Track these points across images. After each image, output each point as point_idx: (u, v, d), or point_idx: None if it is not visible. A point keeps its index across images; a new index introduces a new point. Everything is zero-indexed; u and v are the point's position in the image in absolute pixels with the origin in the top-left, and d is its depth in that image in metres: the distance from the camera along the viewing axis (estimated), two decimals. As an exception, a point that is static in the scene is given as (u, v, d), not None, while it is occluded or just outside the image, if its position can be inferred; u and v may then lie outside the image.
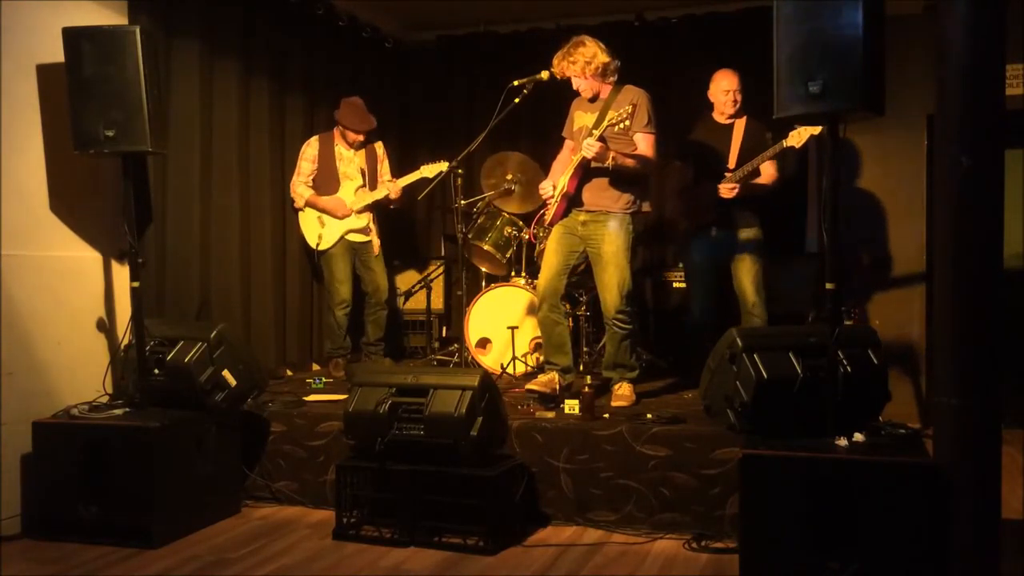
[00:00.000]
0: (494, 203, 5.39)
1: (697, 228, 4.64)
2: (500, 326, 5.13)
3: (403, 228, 6.36)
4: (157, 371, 3.72)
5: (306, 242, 5.17)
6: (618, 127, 3.98)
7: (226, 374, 3.76)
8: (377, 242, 5.27)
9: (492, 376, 3.82)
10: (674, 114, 5.36)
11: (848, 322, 4.23)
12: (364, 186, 5.16)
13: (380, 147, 5.33)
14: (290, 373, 5.31)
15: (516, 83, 4.18)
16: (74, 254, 3.94)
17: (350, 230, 5.13)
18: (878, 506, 2.79)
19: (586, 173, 4.13)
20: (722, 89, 4.57)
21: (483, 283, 5.56)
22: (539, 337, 4.65)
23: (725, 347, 3.38)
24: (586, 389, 3.85)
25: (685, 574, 3.14)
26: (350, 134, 5.09)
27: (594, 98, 4.19)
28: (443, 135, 6.34)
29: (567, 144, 4.39)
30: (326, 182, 5.10)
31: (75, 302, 3.92)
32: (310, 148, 5.12)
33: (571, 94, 4.29)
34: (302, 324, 5.46)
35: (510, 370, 5.03)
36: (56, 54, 3.61)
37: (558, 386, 4.15)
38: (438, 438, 3.37)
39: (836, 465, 2.88)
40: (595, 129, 4.02)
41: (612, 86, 4.16)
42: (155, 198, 4.31)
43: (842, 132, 3.03)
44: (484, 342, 5.22)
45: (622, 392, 4.19)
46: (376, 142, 5.29)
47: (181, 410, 3.67)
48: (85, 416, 3.60)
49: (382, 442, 3.43)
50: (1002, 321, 2.69)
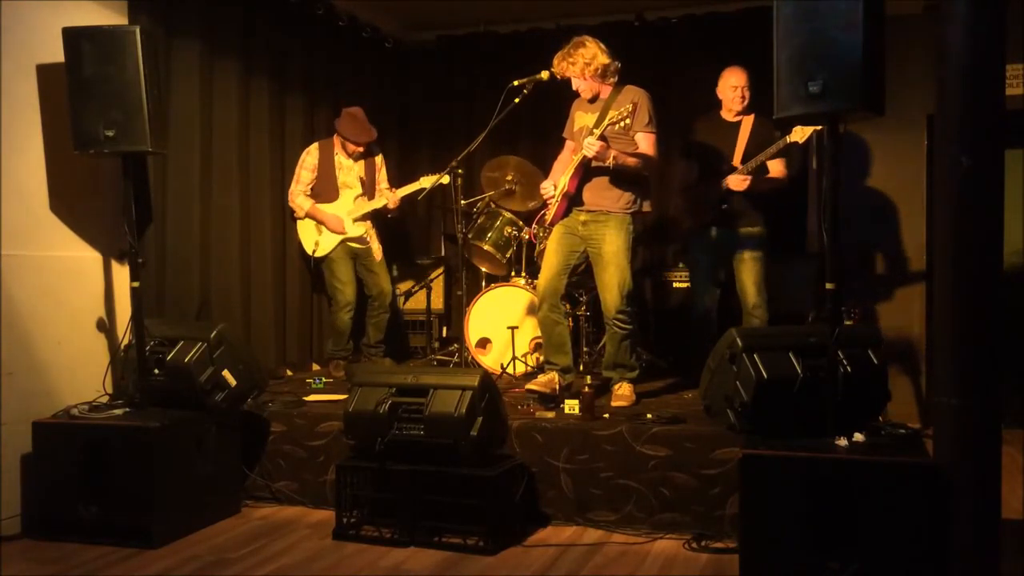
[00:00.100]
0: (494, 202, 5.38)
1: (701, 226, 4.64)
2: (500, 326, 5.13)
3: (403, 227, 6.36)
4: (157, 371, 3.72)
5: (303, 249, 5.16)
6: (619, 126, 3.98)
7: (226, 374, 3.76)
8: (379, 248, 5.26)
9: (492, 376, 3.82)
10: (674, 114, 5.37)
11: (848, 322, 4.23)
12: (363, 195, 5.16)
13: (379, 156, 5.32)
14: (290, 373, 5.31)
15: (516, 83, 4.18)
16: (74, 254, 3.94)
17: (348, 239, 5.13)
18: (878, 506, 2.79)
19: (587, 173, 4.13)
20: (730, 85, 4.58)
21: (483, 283, 5.56)
22: (539, 337, 4.65)
23: (725, 347, 3.38)
24: (586, 389, 3.85)
25: (685, 574, 3.14)
26: (350, 145, 5.09)
27: (594, 99, 4.19)
28: (443, 135, 6.35)
29: (568, 145, 4.39)
30: (325, 191, 5.09)
31: (75, 302, 3.92)
32: (310, 157, 5.10)
33: (571, 94, 4.29)
34: (302, 324, 5.46)
35: (510, 370, 5.03)
36: (56, 54, 3.61)
37: (558, 386, 4.15)
38: (438, 438, 3.37)
39: (836, 465, 2.88)
40: (596, 128, 4.02)
41: (612, 87, 4.16)
42: (155, 198, 4.31)
43: (842, 132, 3.03)
44: (484, 342, 5.22)
45: (622, 392, 4.19)
46: (377, 154, 5.29)
47: (181, 410, 3.67)
48: (85, 416, 3.60)
49: (382, 442, 3.43)
50: (1002, 321, 2.69)
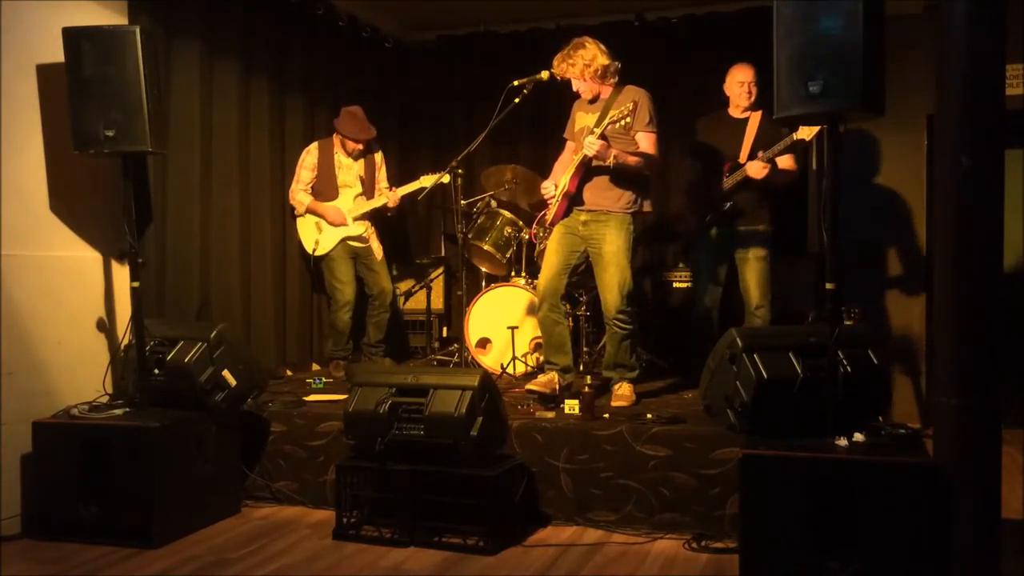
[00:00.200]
0: (496, 200, 5.38)
1: (706, 225, 4.64)
2: (500, 326, 5.13)
3: (404, 227, 6.36)
4: (157, 371, 3.72)
5: (303, 248, 5.16)
6: (619, 124, 3.98)
7: (226, 374, 3.76)
8: (379, 247, 5.26)
9: (492, 376, 3.82)
10: (674, 114, 5.37)
11: (848, 322, 4.22)
12: (362, 194, 5.16)
13: (379, 154, 5.32)
14: (290, 373, 5.31)
15: (516, 83, 4.18)
16: (74, 254, 3.94)
17: (347, 237, 5.12)
18: (878, 506, 2.79)
19: (587, 172, 4.13)
20: (737, 81, 4.58)
21: (483, 283, 5.56)
22: (539, 337, 4.65)
23: (725, 347, 3.38)
24: (586, 389, 3.85)
25: (685, 574, 3.14)
26: (349, 143, 5.09)
27: (595, 99, 4.19)
28: (443, 135, 6.35)
29: (568, 145, 4.39)
30: (325, 190, 5.09)
31: (75, 302, 3.92)
32: (309, 156, 5.11)
33: (571, 94, 4.28)
34: (302, 324, 5.46)
35: (510, 370, 5.03)
36: (56, 54, 3.61)
37: (558, 386, 4.15)
38: (438, 438, 3.37)
39: (836, 465, 2.88)
40: (596, 128, 4.02)
41: (613, 87, 4.16)
42: (155, 198, 4.31)
43: (842, 132, 3.03)
44: (484, 342, 5.22)
45: (622, 392, 4.19)
46: (376, 152, 5.29)
47: (181, 410, 3.67)
48: (85, 416, 3.60)
49: (382, 442, 3.43)
50: (1002, 321, 2.69)
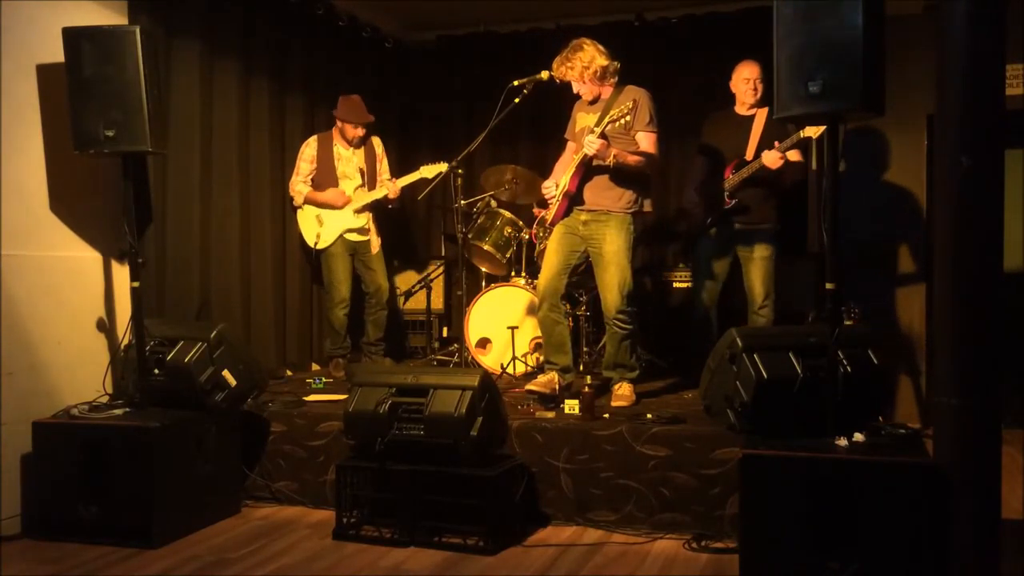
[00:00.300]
0: (496, 200, 5.38)
1: (712, 223, 4.63)
2: (500, 326, 5.13)
3: (403, 228, 6.36)
4: (157, 371, 3.72)
5: (304, 242, 5.17)
6: (619, 123, 3.98)
7: (226, 374, 3.76)
8: (377, 241, 5.27)
9: (492, 376, 3.82)
10: (674, 114, 5.37)
11: (848, 322, 4.23)
12: (363, 186, 5.16)
13: (379, 146, 5.32)
14: (290, 373, 5.31)
15: (516, 83, 4.18)
16: (74, 254, 3.94)
17: (348, 229, 5.12)
18: (878, 506, 2.79)
19: (588, 172, 4.13)
20: (743, 78, 4.58)
21: (483, 283, 5.56)
22: (539, 337, 4.65)
23: (725, 347, 3.38)
24: (586, 389, 3.85)
25: (685, 574, 3.14)
26: (349, 129, 5.08)
27: (595, 100, 4.19)
28: (443, 135, 6.35)
29: (569, 146, 4.38)
30: (324, 182, 5.09)
31: (75, 302, 3.92)
32: (309, 148, 5.12)
33: (571, 94, 4.28)
34: (302, 324, 5.46)
35: (510, 370, 5.03)
36: (56, 54, 3.61)
37: (558, 386, 4.15)
38: (438, 438, 3.37)
39: (836, 465, 2.88)
40: (596, 127, 4.02)
41: (613, 87, 4.16)
42: (155, 198, 4.31)
43: (842, 132, 3.03)
44: (484, 342, 5.22)
45: (622, 392, 4.19)
46: (374, 137, 5.28)
47: (181, 410, 3.67)
48: (85, 416, 3.60)
49: (382, 442, 3.43)
50: (1002, 321, 2.69)
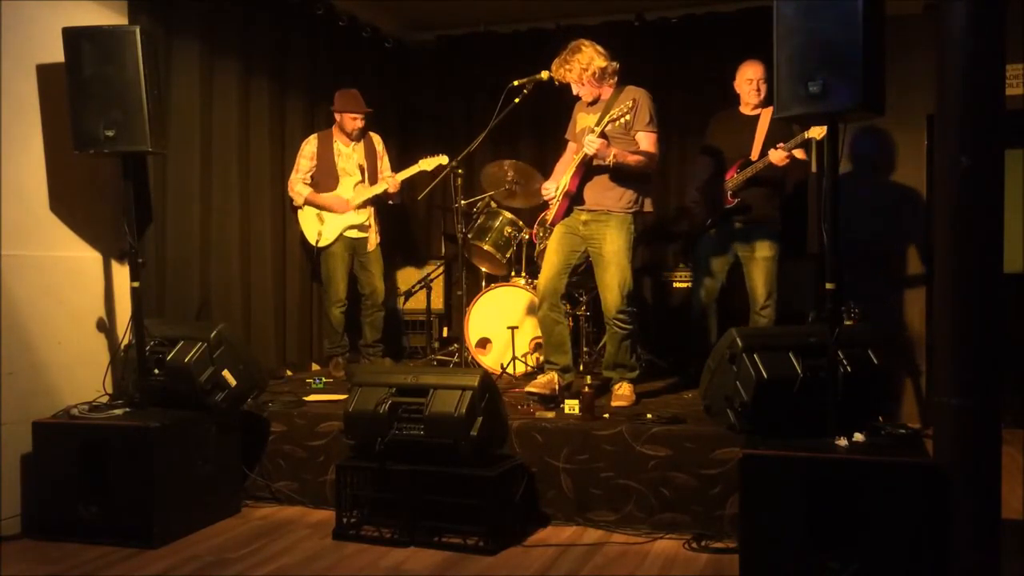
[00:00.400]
0: (495, 201, 5.37)
1: (715, 222, 4.63)
2: (500, 326, 5.13)
3: (403, 227, 6.36)
4: (157, 371, 3.72)
5: (306, 240, 5.17)
6: (619, 123, 3.98)
7: (226, 374, 3.76)
8: (376, 238, 5.27)
9: (492, 376, 3.82)
10: (674, 114, 5.36)
11: (848, 322, 4.23)
12: (363, 182, 5.17)
13: (379, 143, 5.33)
14: (290, 373, 5.31)
15: (516, 83, 4.18)
16: (74, 254, 3.94)
17: (350, 226, 5.13)
18: (878, 506, 2.79)
19: (588, 172, 4.13)
20: (746, 78, 4.59)
21: (483, 283, 5.56)
22: (539, 337, 4.65)
23: (725, 347, 3.38)
24: (586, 389, 3.85)
25: (685, 574, 3.14)
26: (348, 121, 5.08)
27: (595, 101, 4.19)
28: (443, 135, 6.34)
29: (570, 146, 4.38)
30: (325, 179, 5.10)
31: (75, 302, 3.92)
32: (308, 145, 5.13)
33: (571, 94, 4.28)
34: (302, 324, 5.46)
35: (510, 370, 5.03)
36: (56, 54, 3.61)
37: (557, 387, 4.15)
38: (438, 438, 3.37)
39: (836, 465, 2.88)
40: (596, 127, 4.02)
41: (613, 88, 4.16)
42: (155, 198, 4.31)
43: (842, 133, 3.03)
44: (484, 342, 5.22)
45: (622, 392, 4.19)
46: (373, 133, 5.29)
47: (181, 410, 3.67)
48: (85, 416, 3.60)
49: (382, 442, 3.43)
50: (1002, 321, 2.69)
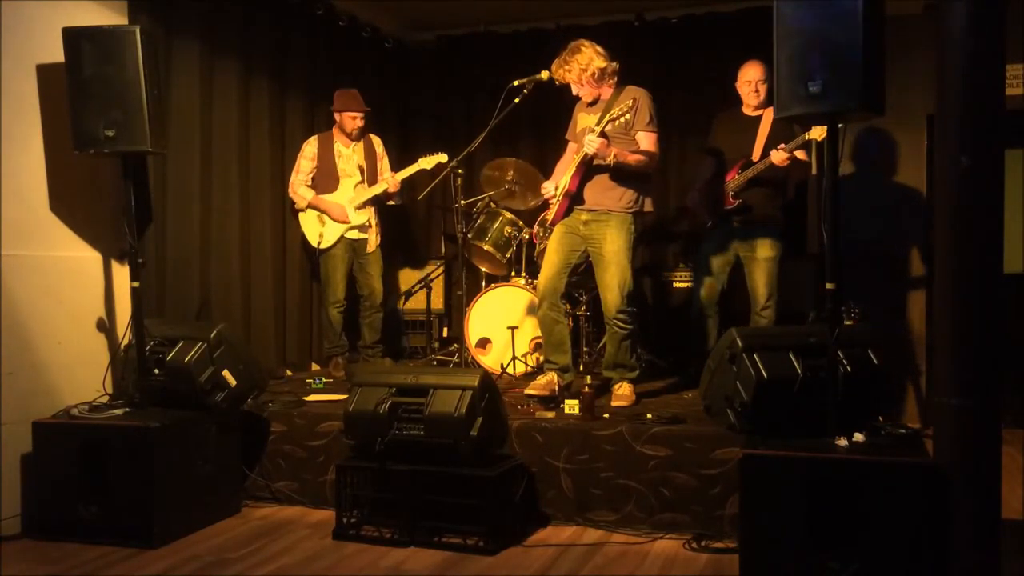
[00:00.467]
0: (495, 202, 5.38)
1: (716, 222, 4.63)
2: (500, 326, 5.13)
3: (403, 227, 6.36)
4: (157, 371, 3.72)
5: (306, 240, 5.18)
6: (619, 122, 3.99)
7: (226, 374, 3.76)
8: (376, 239, 5.27)
9: (492, 376, 3.82)
10: (674, 114, 5.36)
11: (848, 322, 4.24)
12: (363, 182, 5.17)
13: (379, 144, 5.33)
14: (290, 373, 5.31)
15: (516, 83, 4.18)
16: (74, 254, 3.94)
17: (350, 227, 5.15)
18: (878, 506, 2.79)
19: (588, 171, 4.13)
20: (745, 80, 4.58)
21: (483, 283, 5.56)
22: (539, 337, 4.65)
23: (725, 347, 3.38)
24: (586, 389, 3.85)
25: (685, 574, 3.14)
26: (348, 120, 5.08)
27: (595, 101, 4.19)
28: (443, 135, 6.34)
29: (570, 146, 4.38)
30: (325, 180, 5.11)
31: (75, 302, 3.92)
32: (309, 146, 5.14)
33: (571, 94, 4.28)
34: (302, 324, 5.46)
35: (510, 370, 5.03)
36: (56, 54, 3.61)
37: (557, 387, 4.15)
38: (438, 438, 3.37)
39: (836, 465, 2.88)
40: (596, 126, 4.02)
41: (613, 88, 4.16)
42: (155, 198, 4.31)
43: (842, 133, 3.03)
44: (484, 342, 5.22)
45: (622, 392, 4.19)
46: (373, 135, 5.30)
47: (181, 410, 3.67)
48: (85, 416, 3.60)
49: (382, 442, 3.43)
50: (1002, 321, 2.69)
